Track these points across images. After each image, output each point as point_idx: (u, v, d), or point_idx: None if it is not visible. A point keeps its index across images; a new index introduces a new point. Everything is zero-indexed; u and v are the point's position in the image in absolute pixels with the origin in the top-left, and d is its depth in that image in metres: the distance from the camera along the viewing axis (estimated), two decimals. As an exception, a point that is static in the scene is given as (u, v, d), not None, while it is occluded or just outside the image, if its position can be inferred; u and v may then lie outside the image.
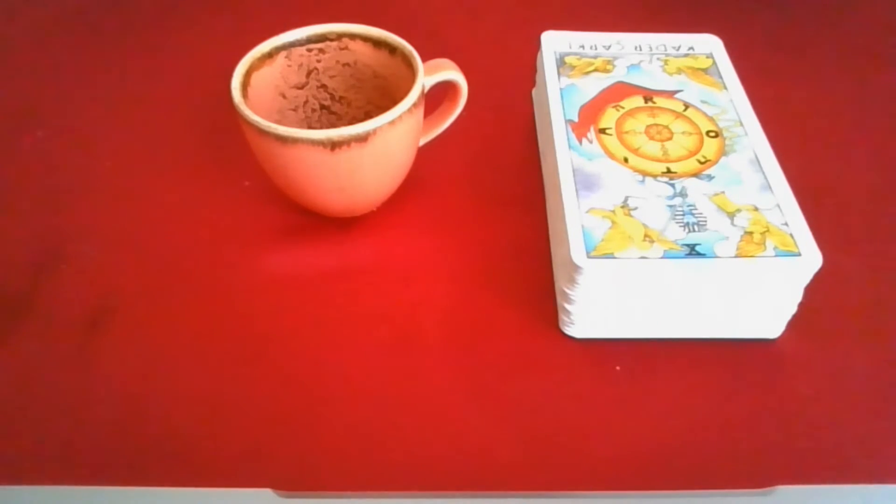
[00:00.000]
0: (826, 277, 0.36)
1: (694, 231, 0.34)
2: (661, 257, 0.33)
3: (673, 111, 0.41)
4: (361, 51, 0.42)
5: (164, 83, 0.52)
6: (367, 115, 0.43)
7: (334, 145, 0.35)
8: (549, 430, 0.33)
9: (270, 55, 0.40)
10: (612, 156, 0.38)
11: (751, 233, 0.34)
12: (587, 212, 0.35)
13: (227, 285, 0.39)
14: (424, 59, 0.39)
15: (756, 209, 0.35)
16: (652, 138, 0.39)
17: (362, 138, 0.35)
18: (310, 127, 0.44)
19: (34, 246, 0.41)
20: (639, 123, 0.40)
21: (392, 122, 0.35)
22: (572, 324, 0.36)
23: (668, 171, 0.37)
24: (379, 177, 0.38)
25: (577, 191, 0.36)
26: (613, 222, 0.35)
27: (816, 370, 0.35)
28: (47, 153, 0.47)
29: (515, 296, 0.38)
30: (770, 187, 0.36)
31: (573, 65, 0.44)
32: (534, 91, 0.50)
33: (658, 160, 0.38)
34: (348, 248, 0.41)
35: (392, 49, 0.40)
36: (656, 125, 0.40)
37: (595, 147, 0.38)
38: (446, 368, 0.35)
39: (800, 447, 0.33)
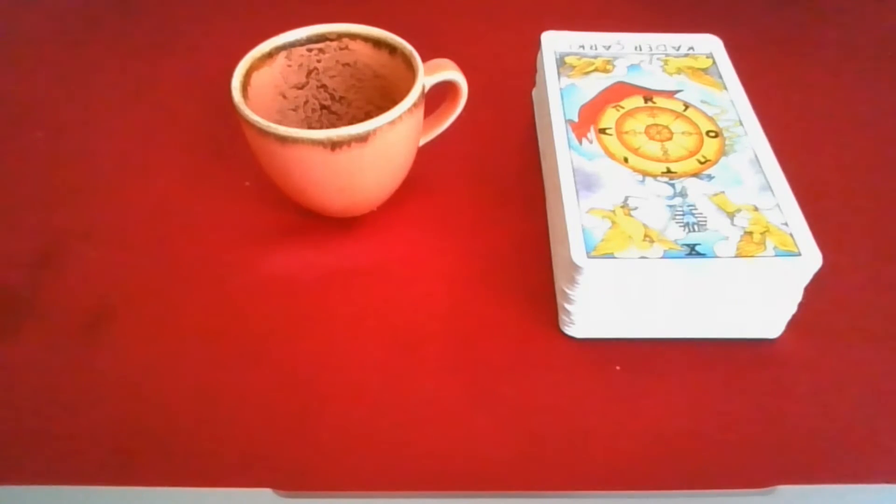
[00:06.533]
0: (826, 277, 0.36)
1: (694, 231, 0.34)
2: (661, 257, 0.33)
3: (673, 111, 0.41)
4: (361, 51, 0.42)
5: (164, 83, 0.52)
6: (367, 115, 0.43)
7: (334, 145, 0.35)
8: (549, 430, 0.33)
9: (270, 55, 0.40)
10: (612, 156, 0.38)
11: (751, 233, 0.34)
12: (587, 212, 0.35)
13: (227, 285, 0.39)
14: (424, 59, 0.39)
15: (756, 209, 0.35)
16: (652, 138, 0.39)
17: (362, 138, 0.35)
18: (310, 127, 0.44)
19: (35, 245, 0.41)
20: (639, 123, 0.40)
21: (392, 122, 0.35)
22: (572, 324, 0.36)
23: (668, 171, 0.37)
24: (379, 177, 0.38)
25: (577, 191, 0.36)
26: (613, 222, 0.35)
27: (816, 370, 0.35)
28: (47, 153, 0.47)
29: (515, 296, 0.38)
30: (770, 187, 0.36)
31: (573, 65, 0.44)
32: (534, 91, 0.50)
33: (658, 160, 0.38)
34: (348, 248, 0.41)
35: (392, 49, 0.40)
36: (656, 125, 0.40)
37: (595, 147, 0.38)
38: (446, 368, 0.35)
39: (800, 447, 0.33)
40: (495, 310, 0.38)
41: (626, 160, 0.38)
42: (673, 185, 0.37)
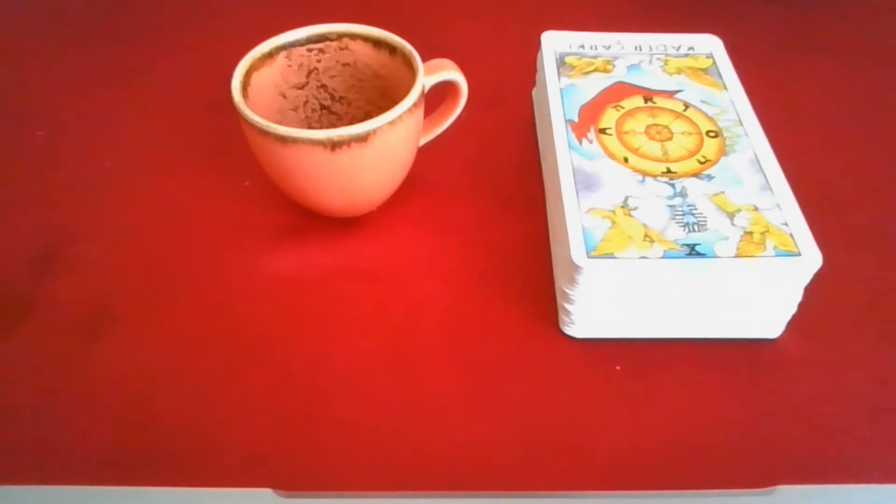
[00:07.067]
0: (826, 277, 0.36)
1: (694, 231, 0.34)
2: (661, 257, 0.33)
3: (673, 111, 0.41)
4: (361, 51, 0.42)
5: (165, 83, 0.52)
6: (367, 115, 0.43)
7: (334, 145, 0.35)
8: (549, 430, 0.33)
9: (270, 55, 0.40)
10: (612, 156, 0.38)
11: (751, 233, 0.34)
12: (587, 212, 0.35)
13: (227, 285, 0.39)
14: (424, 59, 0.39)
15: (756, 209, 0.35)
16: (652, 138, 0.39)
17: (362, 138, 0.35)
18: (310, 127, 0.44)
19: (35, 246, 0.41)
20: (639, 123, 0.40)
21: (392, 122, 0.35)
22: (572, 324, 0.36)
23: (668, 171, 0.37)
24: (379, 177, 0.38)
25: (577, 191, 0.36)
26: (613, 222, 0.35)
27: (816, 370, 0.35)
28: (47, 153, 0.47)
29: (515, 296, 0.38)
30: (770, 187, 0.36)
31: (573, 65, 0.44)
32: (534, 91, 0.50)
33: (658, 160, 0.38)
34: (348, 248, 0.41)
35: (392, 49, 0.40)
36: (656, 125, 0.40)
37: (595, 147, 0.38)
38: (446, 368, 0.35)
39: (800, 447, 0.33)
40: (495, 310, 0.38)
41: (626, 160, 0.38)
42: (673, 185, 0.37)
